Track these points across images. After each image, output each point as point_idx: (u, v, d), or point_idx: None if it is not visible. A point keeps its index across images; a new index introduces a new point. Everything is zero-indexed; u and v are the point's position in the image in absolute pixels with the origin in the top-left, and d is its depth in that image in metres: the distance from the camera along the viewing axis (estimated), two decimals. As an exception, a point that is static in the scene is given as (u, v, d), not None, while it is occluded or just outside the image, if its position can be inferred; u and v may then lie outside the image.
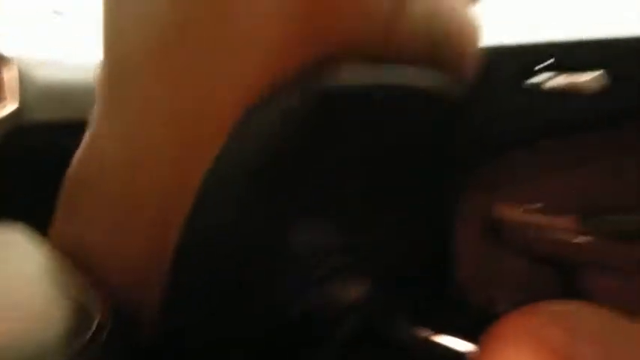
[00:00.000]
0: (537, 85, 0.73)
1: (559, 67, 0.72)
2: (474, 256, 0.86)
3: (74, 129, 0.47)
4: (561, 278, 0.78)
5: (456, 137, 0.72)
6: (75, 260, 0.43)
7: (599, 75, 0.69)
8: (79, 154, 0.45)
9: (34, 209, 0.54)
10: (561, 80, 0.71)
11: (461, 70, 0.53)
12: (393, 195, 0.67)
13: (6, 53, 0.78)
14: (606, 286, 0.76)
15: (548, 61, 0.73)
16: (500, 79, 0.76)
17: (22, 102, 0.75)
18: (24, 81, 0.77)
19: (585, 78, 0.70)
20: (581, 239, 0.76)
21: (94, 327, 0.33)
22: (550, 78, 0.72)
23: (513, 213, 0.81)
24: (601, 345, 0.52)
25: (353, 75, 0.38)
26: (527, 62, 0.74)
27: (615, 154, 0.74)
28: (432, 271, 0.89)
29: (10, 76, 0.76)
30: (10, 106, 0.75)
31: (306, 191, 0.48)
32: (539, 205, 0.80)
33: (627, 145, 0.73)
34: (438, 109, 0.56)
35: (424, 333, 0.86)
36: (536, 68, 0.74)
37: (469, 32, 0.53)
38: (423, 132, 0.60)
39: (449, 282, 0.88)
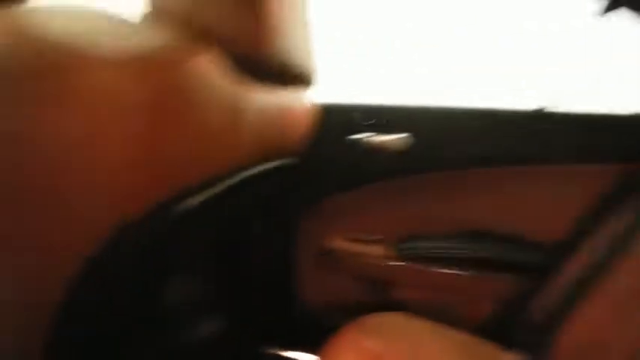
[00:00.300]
0: (358, 141, 0.87)
1: (377, 127, 0.86)
2: (314, 280, 1.00)
3: None
4: (381, 295, 0.97)
5: (288, 191, 0.81)
6: None
7: (405, 137, 0.86)
8: None
9: None
10: (376, 139, 0.86)
11: (295, 143, 0.62)
12: (241, 253, 0.75)
13: None
14: (419, 299, 0.97)
15: (370, 121, 0.86)
16: (331, 133, 0.87)
17: None
18: None
19: (394, 138, 0.86)
20: (392, 263, 0.95)
21: None
22: (369, 136, 0.86)
23: (341, 243, 0.96)
24: (412, 347, 0.69)
25: (198, 198, 0.42)
26: (352, 121, 0.87)
27: (422, 197, 0.94)
28: (278, 296, 1.00)
29: None
30: None
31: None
32: (362, 235, 0.96)
33: (433, 189, 0.93)
34: (273, 185, 0.64)
35: (274, 350, 0.98)
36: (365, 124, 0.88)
37: (300, 116, 0.62)
38: (262, 204, 0.68)
39: (293, 304, 1.00)
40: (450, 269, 0.93)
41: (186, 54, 0.37)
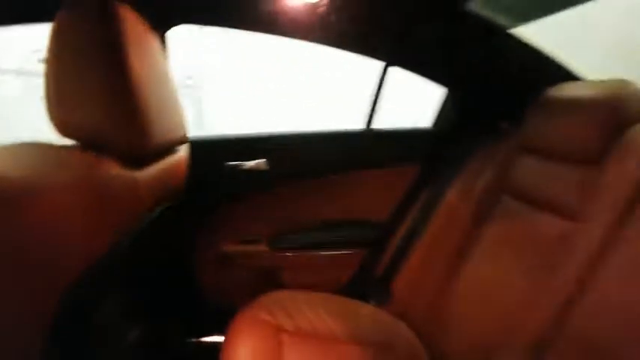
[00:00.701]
0: (234, 166, 1.15)
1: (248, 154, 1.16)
2: (214, 274, 1.26)
3: None
4: (269, 280, 1.26)
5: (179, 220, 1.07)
6: None
7: (264, 161, 1.17)
8: None
9: None
10: (247, 164, 1.16)
11: (180, 185, 0.87)
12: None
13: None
14: (296, 278, 1.27)
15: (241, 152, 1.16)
16: (212, 161, 1.14)
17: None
18: None
19: (257, 162, 1.16)
20: (274, 256, 1.25)
21: None
22: (241, 163, 1.15)
23: (232, 246, 1.24)
24: (299, 312, 0.96)
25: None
26: (228, 151, 1.16)
27: (285, 203, 1.25)
28: (187, 296, 1.25)
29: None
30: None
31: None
32: (246, 237, 1.25)
33: (293, 195, 1.24)
34: (168, 220, 0.88)
35: (193, 339, 1.23)
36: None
37: (180, 165, 0.86)
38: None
39: (201, 300, 1.26)
40: (314, 252, 1.26)
41: (98, 163, 0.59)
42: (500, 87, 1.09)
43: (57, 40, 0.58)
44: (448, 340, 0.94)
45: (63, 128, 0.61)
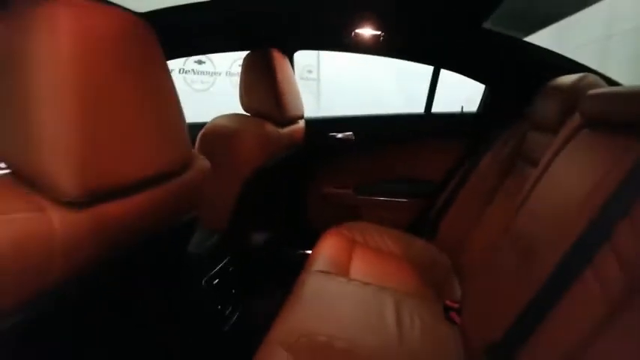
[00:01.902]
0: (333, 136, 1.77)
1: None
2: (315, 207, 1.91)
3: None
4: (350, 213, 1.86)
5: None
6: None
7: (351, 133, 1.76)
8: None
9: None
10: (341, 134, 1.76)
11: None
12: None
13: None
14: (378, 216, 1.84)
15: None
16: (320, 132, 1.78)
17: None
18: None
19: (348, 133, 1.76)
20: (357, 199, 1.84)
21: None
22: (337, 134, 1.77)
23: (330, 189, 1.87)
24: (371, 235, 1.56)
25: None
26: (330, 126, 1.78)
27: (366, 163, 1.82)
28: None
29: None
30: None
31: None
32: (340, 184, 1.86)
33: (373, 157, 1.81)
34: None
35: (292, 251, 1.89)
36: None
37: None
38: None
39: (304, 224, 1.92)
40: (384, 198, 1.81)
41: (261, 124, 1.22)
42: (520, 81, 1.46)
43: None
44: (470, 263, 1.36)
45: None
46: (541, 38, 1.46)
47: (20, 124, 0.44)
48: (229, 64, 4.75)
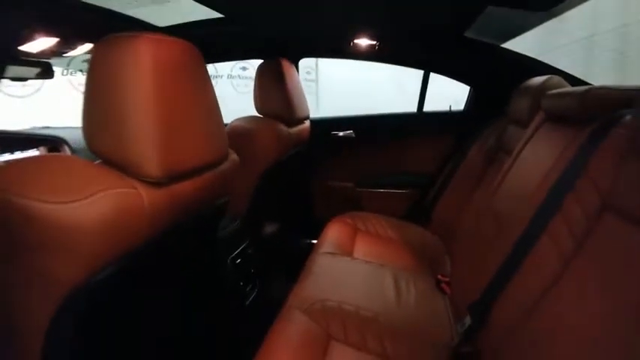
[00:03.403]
0: (335, 134, 1.95)
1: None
2: (321, 199, 2.09)
3: None
4: (353, 205, 2.04)
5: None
6: None
7: (351, 132, 1.94)
8: None
9: None
10: (342, 133, 1.94)
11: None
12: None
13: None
14: (377, 207, 2.02)
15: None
16: (323, 131, 1.95)
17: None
18: None
19: (348, 132, 1.94)
20: (358, 191, 2.02)
21: None
22: (339, 132, 1.94)
23: (334, 183, 2.05)
24: (372, 224, 1.74)
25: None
26: (332, 125, 1.96)
27: (368, 157, 2.00)
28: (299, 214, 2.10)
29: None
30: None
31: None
32: (342, 178, 2.04)
33: (373, 153, 1.99)
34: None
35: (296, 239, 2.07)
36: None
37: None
38: None
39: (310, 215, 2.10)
40: (383, 190, 1.99)
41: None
42: (500, 82, 1.64)
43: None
44: (458, 242, 1.55)
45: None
46: (533, 36, 1.64)
47: (116, 127, 0.59)
48: (230, 67, 4.96)
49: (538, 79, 1.29)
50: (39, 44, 1.27)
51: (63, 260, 0.52)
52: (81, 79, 3.67)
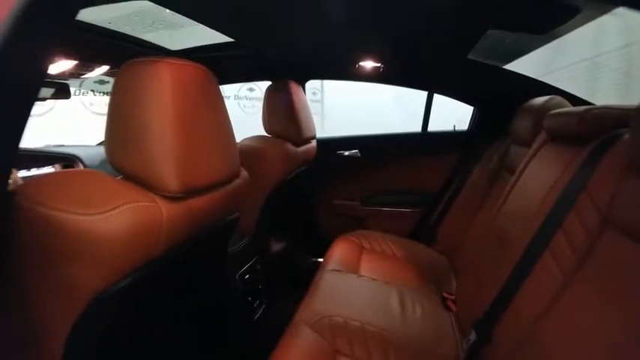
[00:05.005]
0: (341, 154, 1.99)
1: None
2: (327, 218, 2.11)
3: None
4: (359, 223, 2.05)
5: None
6: None
7: (357, 151, 1.97)
8: None
9: None
10: (348, 152, 1.98)
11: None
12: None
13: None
14: (383, 225, 2.03)
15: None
16: (329, 150, 1.99)
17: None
18: None
19: (354, 151, 1.98)
20: (363, 210, 2.04)
21: None
22: (345, 152, 1.98)
23: (339, 201, 2.07)
24: (377, 242, 1.75)
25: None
26: (338, 144, 2.00)
27: (373, 176, 2.03)
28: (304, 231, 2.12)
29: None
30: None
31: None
32: (348, 197, 2.07)
33: (377, 172, 2.02)
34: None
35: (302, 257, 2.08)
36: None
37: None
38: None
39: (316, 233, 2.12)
40: (388, 208, 2.02)
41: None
42: (502, 102, 1.68)
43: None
44: (463, 260, 1.56)
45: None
46: (537, 57, 1.68)
47: (138, 145, 0.63)
48: (237, 88, 5.08)
49: (540, 100, 1.32)
50: (59, 67, 1.34)
51: (87, 268, 0.55)
52: (92, 99, 3.79)
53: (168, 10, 1.19)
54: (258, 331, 1.29)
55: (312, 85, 5.51)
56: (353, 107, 5.38)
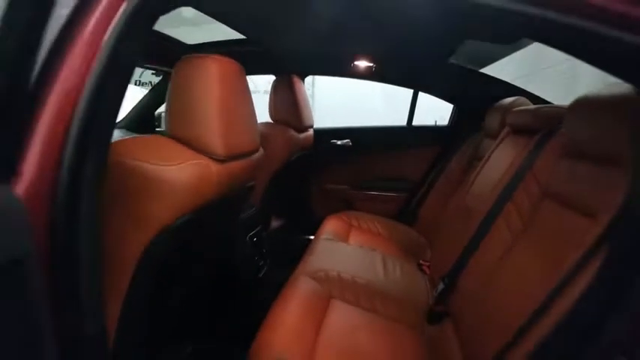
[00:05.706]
0: (334, 143, 2.21)
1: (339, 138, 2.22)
2: (319, 201, 2.34)
3: None
4: (349, 206, 2.28)
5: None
6: None
7: (348, 141, 2.20)
8: None
9: None
10: (341, 141, 2.20)
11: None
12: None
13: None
14: (369, 208, 2.27)
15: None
16: (324, 139, 2.21)
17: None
18: None
19: (346, 141, 2.20)
20: (353, 193, 2.27)
21: None
22: (338, 141, 2.21)
23: (331, 186, 2.30)
24: (364, 221, 1.98)
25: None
26: (332, 134, 2.22)
27: (363, 164, 2.26)
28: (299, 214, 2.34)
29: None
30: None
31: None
32: (339, 182, 2.29)
33: (367, 160, 2.26)
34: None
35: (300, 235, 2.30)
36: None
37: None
38: None
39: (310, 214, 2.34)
40: (375, 192, 2.25)
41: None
42: (477, 102, 1.93)
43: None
44: (437, 235, 1.80)
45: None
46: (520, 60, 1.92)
47: (193, 120, 0.83)
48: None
49: (507, 100, 1.56)
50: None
51: (159, 205, 0.74)
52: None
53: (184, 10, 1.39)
54: (263, 286, 1.50)
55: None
56: (343, 105, 5.65)
